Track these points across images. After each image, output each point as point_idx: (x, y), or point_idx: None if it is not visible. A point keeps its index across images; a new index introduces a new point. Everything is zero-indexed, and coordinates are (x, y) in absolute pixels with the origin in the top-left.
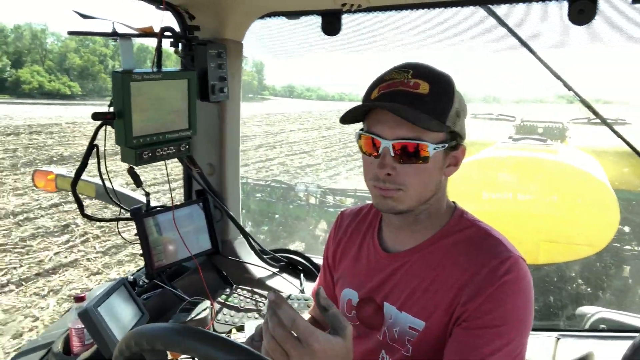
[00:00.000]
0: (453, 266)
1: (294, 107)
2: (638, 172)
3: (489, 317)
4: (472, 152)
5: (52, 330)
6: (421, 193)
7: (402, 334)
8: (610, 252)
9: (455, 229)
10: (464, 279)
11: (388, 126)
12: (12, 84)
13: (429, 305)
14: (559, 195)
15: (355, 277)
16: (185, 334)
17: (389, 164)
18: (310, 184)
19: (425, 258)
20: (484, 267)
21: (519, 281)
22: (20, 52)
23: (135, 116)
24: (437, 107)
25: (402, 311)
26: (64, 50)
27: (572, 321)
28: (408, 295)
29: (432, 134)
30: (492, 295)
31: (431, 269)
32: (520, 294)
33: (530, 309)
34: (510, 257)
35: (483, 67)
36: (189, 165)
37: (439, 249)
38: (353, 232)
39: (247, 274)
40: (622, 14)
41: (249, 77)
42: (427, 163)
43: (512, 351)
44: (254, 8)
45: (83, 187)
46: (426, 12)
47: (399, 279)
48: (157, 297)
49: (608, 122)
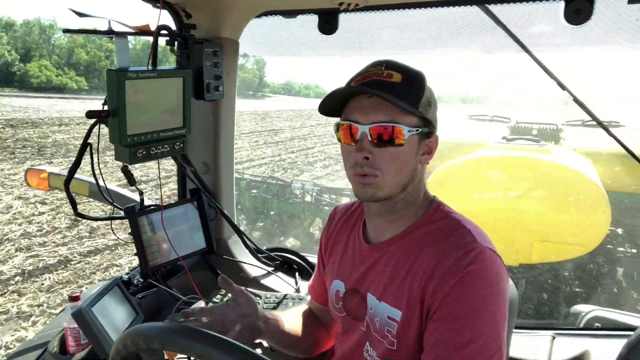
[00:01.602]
0: (423, 257)
1: (300, 104)
2: (630, 173)
3: (454, 308)
4: (467, 152)
5: (47, 330)
6: (397, 178)
7: (382, 324)
8: (603, 255)
9: (429, 220)
10: (431, 269)
11: (364, 113)
12: (20, 77)
13: (404, 295)
14: (551, 195)
15: (342, 269)
16: (182, 333)
17: (366, 148)
18: (306, 181)
19: (401, 248)
20: (449, 257)
21: (483, 272)
22: (29, 46)
23: (130, 114)
24: (409, 94)
25: (382, 301)
26: (72, 46)
27: (566, 320)
28: (386, 285)
29: (406, 118)
30: (456, 285)
31: (405, 259)
32: (485, 284)
33: (499, 301)
34: (476, 247)
35: (479, 67)
36: (183, 163)
37: (414, 239)
38: (342, 226)
39: (242, 273)
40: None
41: (250, 75)
42: (403, 147)
43: (487, 347)
44: (251, 7)
45: (76, 186)
46: (423, 11)
47: (378, 269)
48: (151, 297)
49: (603, 124)
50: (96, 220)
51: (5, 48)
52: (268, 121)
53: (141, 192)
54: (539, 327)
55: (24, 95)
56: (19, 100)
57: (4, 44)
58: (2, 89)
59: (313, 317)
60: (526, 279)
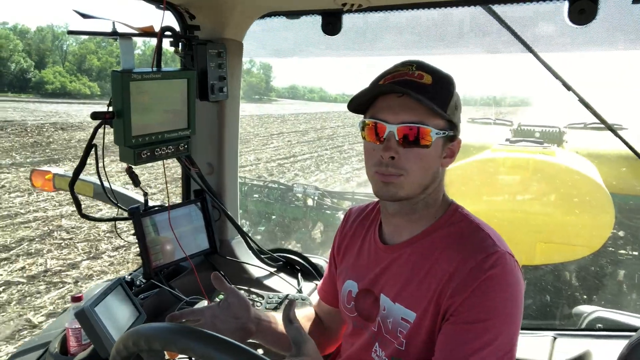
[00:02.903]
0: (442, 259)
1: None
2: (634, 175)
3: (474, 311)
4: (470, 155)
5: (49, 330)
6: (421, 179)
7: (395, 325)
8: (605, 257)
9: (448, 222)
10: (450, 272)
11: (393, 112)
12: (36, 84)
13: (419, 297)
14: (555, 196)
15: (356, 270)
16: (183, 333)
17: (393, 148)
18: (308, 185)
19: (419, 250)
20: (470, 261)
21: (504, 276)
22: (43, 53)
23: (134, 116)
24: (439, 96)
25: (396, 302)
26: (84, 52)
27: (568, 320)
28: (401, 287)
29: (434, 120)
30: (476, 289)
31: (424, 261)
32: (505, 289)
33: (517, 305)
34: (496, 251)
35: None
36: (188, 165)
37: (432, 241)
38: (357, 228)
39: (245, 274)
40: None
41: (257, 79)
42: (429, 149)
43: (501, 347)
44: (254, 8)
45: (81, 187)
46: (427, 11)
47: (394, 270)
48: (154, 297)
49: (608, 124)
50: (100, 221)
51: (21, 55)
52: (290, 123)
53: (145, 193)
54: (541, 327)
55: (45, 101)
56: (43, 106)
57: (19, 51)
58: (18, 95)
59: (317, 320)
60: (528, 280)
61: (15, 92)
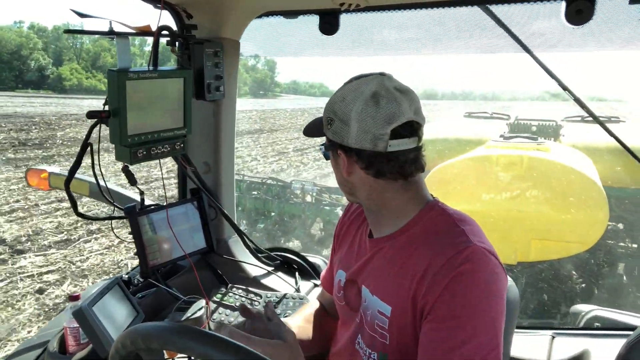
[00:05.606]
0: (415, 255)
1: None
2: (630, 169)
3: (448, 308)
4: (465, 150)
5: (47, 329)
6: (340, 187)
7: (373, 317)
8: (603, 250)
9: (425, 217)
10: (423, 269)
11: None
12: (54, 81)
13: (394, 291)
14: (549, 192)
15: (346, 260)
16: (182, 333)
17: None
18: (306, 182)
19: (397, 245)
20: (441, 257)
21: (477, 271)
22: (60, 51)
23: (130, 115)
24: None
25: (374, 295)
26: (98, 50)
27: (566, 319)
28: (379, 280)
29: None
30: (448, 286)
31: (398, 257)
32: (478, 284)
33: (495, 300)
34: (469, 247)
35: (480, 66)
36: (184, 163)
37: (409, 237)
38: (355, 219)
39: (242, 273)
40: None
41: (262, 75)
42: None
43: (484, 345)
44: (252, 7)
45: (77, 186)
46: (424, 11)
47: (375, 263)
48: (152, 296)
49: (601, 120)
50: (96, 220)
51: (40, 53)
52: (306, 117)
53: (142, 192)
54: (539, 326)
55: (64, 97)
56: (67, 100)
57: (39, 49)
58: (36, 92)
59: (324, 313)
60: (525, 277)
61: (34, 89)
